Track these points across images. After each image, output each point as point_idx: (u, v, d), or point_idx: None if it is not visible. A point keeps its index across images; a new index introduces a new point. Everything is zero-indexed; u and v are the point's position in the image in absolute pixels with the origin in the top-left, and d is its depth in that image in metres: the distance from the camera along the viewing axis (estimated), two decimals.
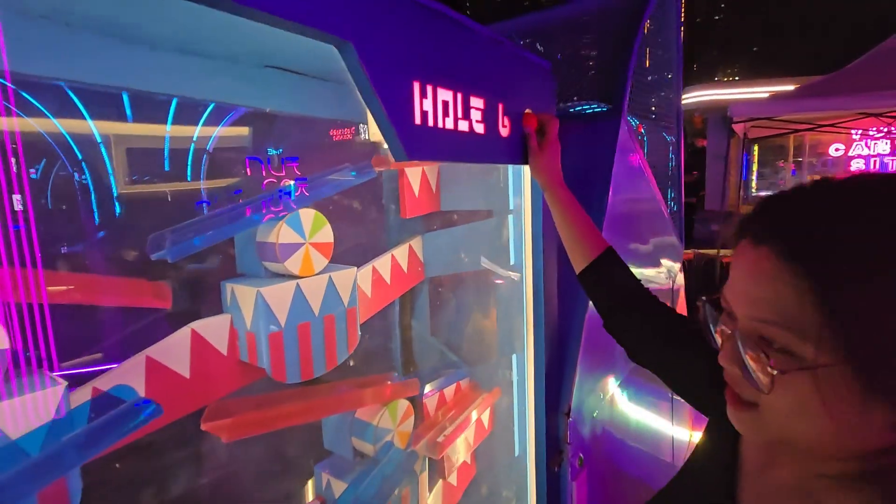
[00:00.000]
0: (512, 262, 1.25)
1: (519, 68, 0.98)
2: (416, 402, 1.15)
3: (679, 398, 0.81)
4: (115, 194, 0.88)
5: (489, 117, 0.87)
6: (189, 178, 1.00)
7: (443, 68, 0.74)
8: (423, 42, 0.69)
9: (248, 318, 0.89)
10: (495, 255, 1.28)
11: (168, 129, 0.96)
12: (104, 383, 0.72)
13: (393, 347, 1.40)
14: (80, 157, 0.84)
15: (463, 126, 0.80)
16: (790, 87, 6.94)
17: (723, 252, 5.65)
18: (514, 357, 1.29)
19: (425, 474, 1.17)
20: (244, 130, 1.44)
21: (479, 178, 1.28)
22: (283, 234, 0.89)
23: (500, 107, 0.91)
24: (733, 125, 5.36)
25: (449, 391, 1.27)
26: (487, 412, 1.31)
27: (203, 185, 1.00)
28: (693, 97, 9.25)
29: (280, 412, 0.94)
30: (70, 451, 0.60)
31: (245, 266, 0.95)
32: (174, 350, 0.82)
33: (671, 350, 0.80)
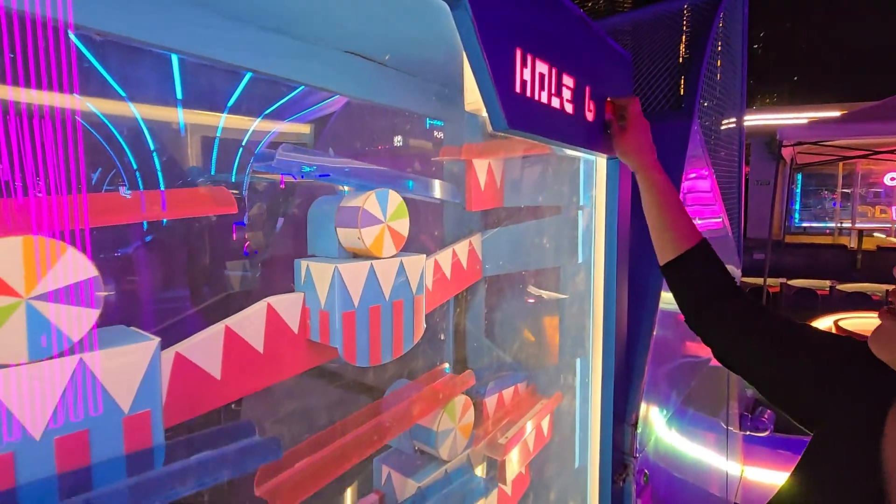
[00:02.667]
0: (580, 260, 1.20)
1: (604, 54, 0.96)
2: (475, 398, 1.10)
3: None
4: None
5: (577, 98, 0.85)
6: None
7: (541, 40, 0.72)
8: (527, 10, 0.68)
9: (322, 296, 0.87)
10: (561, 253, 1.24)
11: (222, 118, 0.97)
12: (187, 350, 0.71)
13: (446, 348, 1.36)
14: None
15: (555, 103, 0.78)
16: (835, 114, 6.69)
17: (769, 281, 5.40)
18: (577, 361, 1.23)
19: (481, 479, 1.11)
20: (305, 128, 1.47)
21: (545, 174, 1.26)
22: (369, 202, 0.87)
23: (587, 90, 0.88)
24: (782, 150, 5.19)
25: (507, 394, 1.22)
26: (547, 419, 1.25)
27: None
28: (734, 121, 9.05)
29: (337, 453, 0.89)
30: (179, 477, 0.58)
31: (317, 247, 0.94)
32: (250, 323, 0.81)
33: (769, 351, 0.74)
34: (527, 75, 0.70)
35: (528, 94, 0.71)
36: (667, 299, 1.33)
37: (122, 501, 0.56)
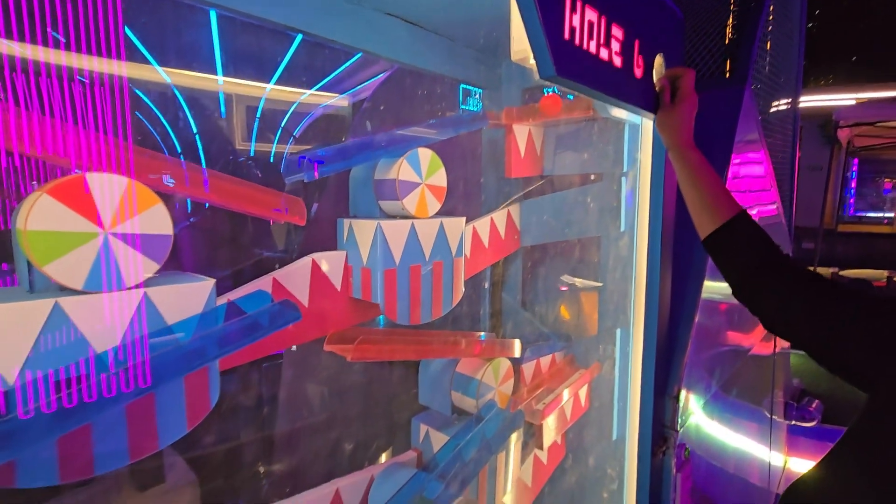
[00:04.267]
0: (622, 229, 1.18)
1: (655, 8, 0.92)
2: (514, 363, 1.10)
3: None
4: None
5: (626, 51, 0.82)
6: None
7: None
8: None
9: (364, 254, 0.88)
10: (602, 221, 1.21)
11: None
12: (237, 299, 0.74)
13: (482, 316, 1.36)
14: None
15: (603, 54, 0.76)
16: None
17: (820, 271, 5.13)
18: (618, 331, 1.21)
19: (518, 444, 1.11)
20: (344, 101, 1.48)
21: (587, 139, 1.23)
22: (402, 170, 0.88)
23: (636, 44, 0.85)
24: (837, 132, 4.87)
25: (544, 362, 1.21)
26: (585, 388, 1.24)
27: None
28: (785, 102, 8.55)
29: (399, 343, 0.93)
30: (217, 341, 0.61)
31: (359, 208, 0.96)
32: (296, 277, 0.83)
33: (822, 314, 0.70)
34: (576, 21, 0.68)
35: (577, 41, 0.69)
36: (705, 287, 1.28)
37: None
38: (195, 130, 1.06)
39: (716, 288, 1.38)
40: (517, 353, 1.07)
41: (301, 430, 1.12)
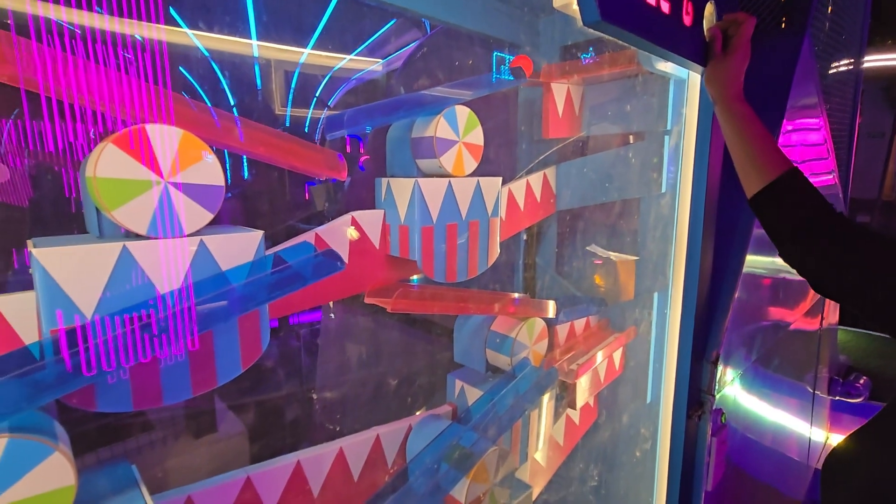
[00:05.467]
0: (663, 190, 1.14)
1: None
2: (548, 324, 1.11)
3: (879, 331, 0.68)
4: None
5: None
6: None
7: None
8: None
9: (402, 212, 0.90)
10: (643, 182, 1.18)
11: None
12: (284, 252, 0.77)
13: (515, 279, 1.37)
14: None
15: None
16: None
17: None
18: (655, 296, 1.19)
19: (551, 403, 1.13)
20: (377, 67, 1.47)
21: (628, 97, 1.18)
22: (440, 128, 0.88)
23: None
24: None
25: (578, 324, 1.21)
26: (619, 352, 1.23)
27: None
28: (846, 63, 7.91)
29: (438, 296, 0.95)
30: (267, 287, 0.64)
31: (396, 168, 0.97)
32: (337, 233, 0.86)
33: (874, 274, 0.67)
34: None
35: None
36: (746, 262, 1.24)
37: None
38: (232, 103, 1.09)
39: (756, 262, 1.33)
40: (552, 314, 1.07)
41: (342, 384, 1.18)
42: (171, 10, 0.93)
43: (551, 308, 1.07)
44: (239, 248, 0.64)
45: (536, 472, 1.13)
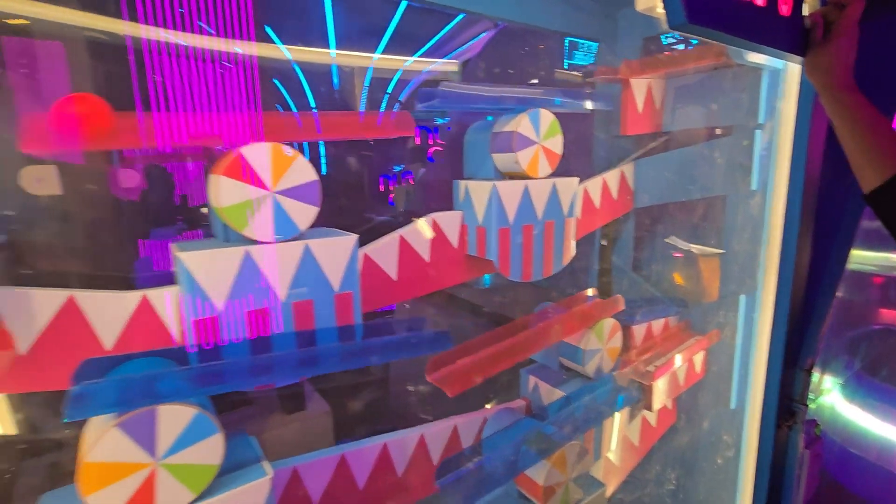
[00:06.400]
0: (754, 187, 1.08)
1: None
2: (623, 324, 1.10)
3: None
4: None
5: None
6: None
7: None
8: None
9: (479, 213, 0.94)
10: (730, 179, 1.12)
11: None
12: (372, 252, 0.84)
13: (590, 278, 1.36)
14: None
15: None
16: None
17: None
18: (742, 298, 1.13)
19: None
20: (453, 66, 1.51)
21: (714, 90, 1.12)
22: (523, 125, 0.90)
23: None
24: None
25: (656, 325, 1.19)
26: (700, 355, 1.19)
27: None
28: None
29: (495, 353, 0.96)
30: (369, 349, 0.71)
31: (473, 170, 1.00)
32: (419, 234, 0.91)
33: None
34: None
35: None
36: (852, 257, 1.13)
37: (335, 361, 0.71)
38: (313, 105, 1.18)
39: (865, 258, 1.21)
40: (620, 307, 1.06)
41: (416, 374, 1.25)
42: (268, 29, 1.03)
43: (618, 302, 1.06)
44: (337, 250, 0.71)
45: (610, 472, 1.13)
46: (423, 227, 0.90)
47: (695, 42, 1.08)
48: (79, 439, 0.55)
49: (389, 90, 1.40)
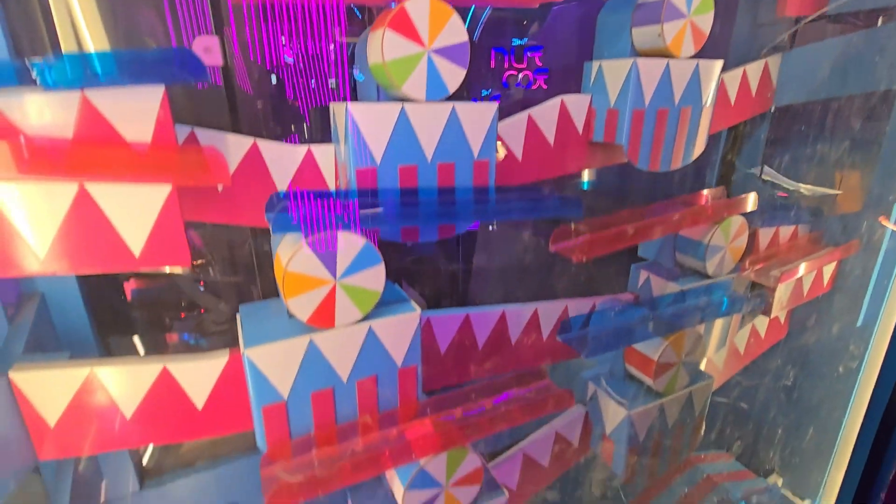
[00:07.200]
0: None
1: None
2: (749, 225, 1.04)
3: None
4: None
5: None
6: None
7: None
8: None
9: (613, 95, 0.90)
10: None
11: None
12: (501, 127, 0.84)
13: (711, 177, 1.28)
14: None
15: None
16: None
17: None
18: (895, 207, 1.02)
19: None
20: None
21: None
22: None
23: None
24: None
25: (784, 231, 1.12)
26: (831, 267, 1.11)
27: None
28: None
29: (620, 231, 0.96)
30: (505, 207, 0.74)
31: (606, 51, 0.95)
32: (547, 115, 0.90)
33: None
34: None
35: None
36: None
37: (476, 213, 0.75)
38: None
39: None
40: (751, 207, 1.00)
41: (530, 264, 1.29)
42: None
43: (751, 201, 1.00)
44: (480, 115, 0.73)
45: (710, 372, 1.14)
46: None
47: None
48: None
49: None
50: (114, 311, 0.86)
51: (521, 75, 1.26)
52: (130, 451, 0.90)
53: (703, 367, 1.08)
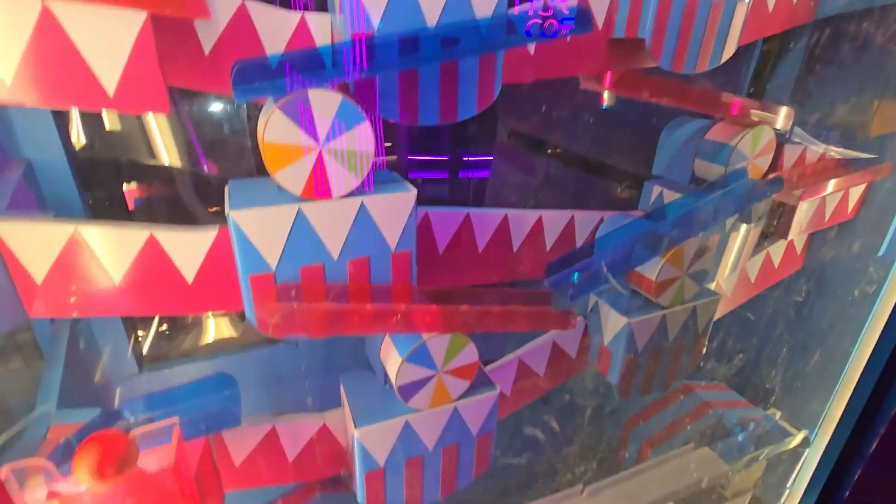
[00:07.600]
0: None
1: None
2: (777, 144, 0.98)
3: None
4: None
5: None
6: None
7: None
8: None
9: None
10: None
11: None
12: None
13: (741, 89, 1.19)
14: None
15: None
16: None
17: None
18: None
19: (755, 232, 1.05)
20: None
21: None
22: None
23: None
24: None
25: (812, 153, 1.05)
26: (859, 191, 1.05)
27: None
28: None
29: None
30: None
31: None
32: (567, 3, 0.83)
33: None
34: None
35: None
36: None
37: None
38: None
39: None
40: (781, 124, 0.93)
41: (540, 185, 1.25)
42: None
43: (783, 115, 0.93)
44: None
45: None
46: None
47: None
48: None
49: None
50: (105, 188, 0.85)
51: None
52: (131, 341, 0.92)
53: (713, 286, 1.05)
